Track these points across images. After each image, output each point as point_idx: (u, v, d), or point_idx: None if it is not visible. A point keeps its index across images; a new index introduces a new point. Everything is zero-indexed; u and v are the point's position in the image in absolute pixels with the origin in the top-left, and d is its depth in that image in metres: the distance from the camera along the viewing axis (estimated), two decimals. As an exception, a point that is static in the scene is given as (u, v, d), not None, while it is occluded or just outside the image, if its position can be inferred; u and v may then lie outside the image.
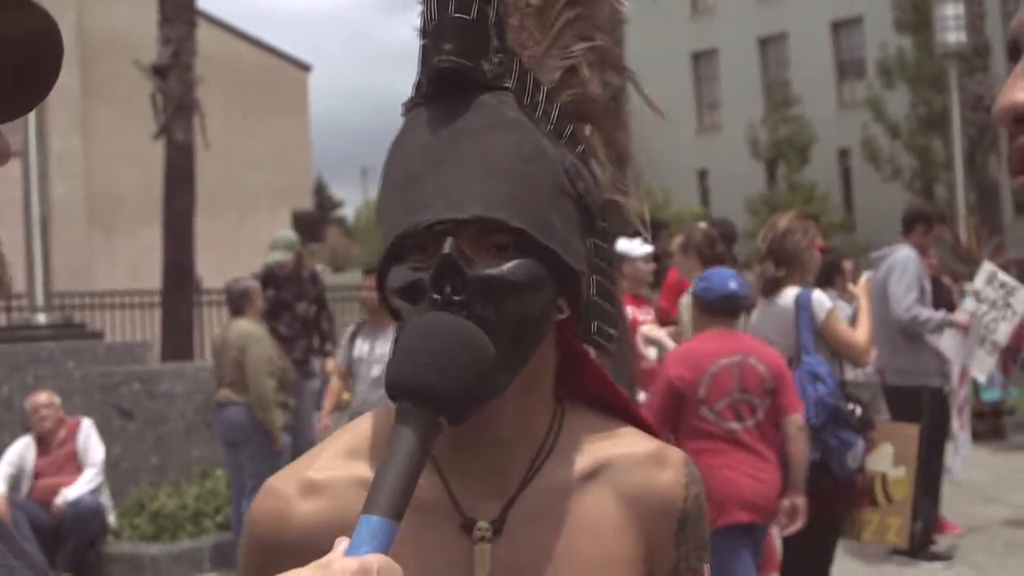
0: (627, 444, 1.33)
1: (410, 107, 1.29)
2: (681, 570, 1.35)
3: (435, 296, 1.16)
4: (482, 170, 1.20)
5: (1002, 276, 7.68)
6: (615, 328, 1.35)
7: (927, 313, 7.07)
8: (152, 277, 15.62)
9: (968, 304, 7.70)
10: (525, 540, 1.26)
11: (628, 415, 1.38)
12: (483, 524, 1.25)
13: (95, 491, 8.07)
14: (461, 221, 1.18)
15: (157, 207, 14.67)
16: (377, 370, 6.93)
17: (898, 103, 29.29)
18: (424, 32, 1.25)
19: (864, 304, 5.36)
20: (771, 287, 5.14)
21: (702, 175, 38.73)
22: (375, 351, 7.02)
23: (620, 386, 1.41)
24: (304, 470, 1.29)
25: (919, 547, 7.12)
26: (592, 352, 1.37)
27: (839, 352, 5.07)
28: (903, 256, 7.19)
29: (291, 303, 8.62)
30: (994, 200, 20.49)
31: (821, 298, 5.09)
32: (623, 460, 1.32)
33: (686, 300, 6.47)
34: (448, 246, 1.16)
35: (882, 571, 7.10)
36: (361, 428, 1.32)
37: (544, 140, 1.27)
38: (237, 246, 22.47)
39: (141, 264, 20.76)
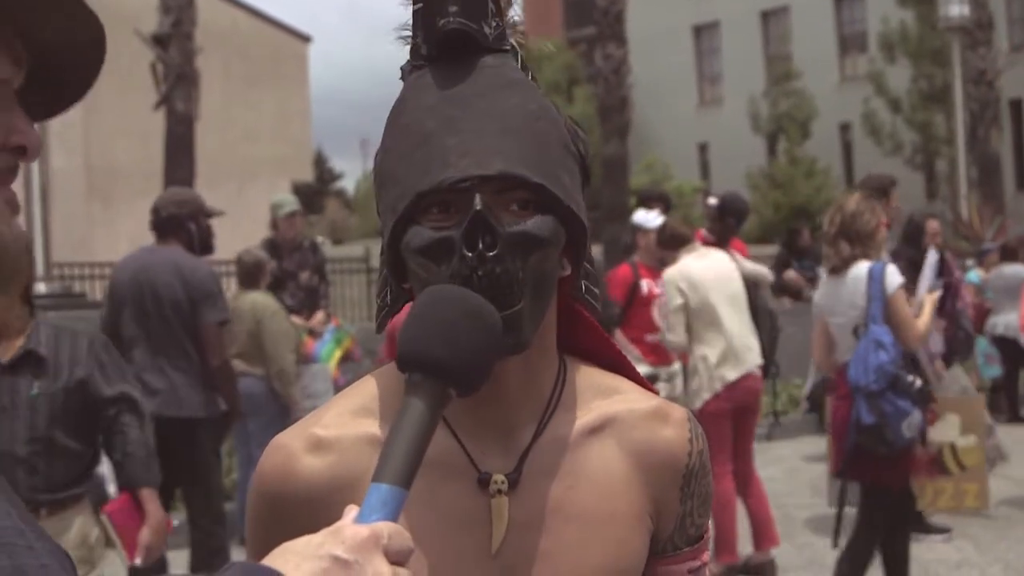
0: (630, 400, 1.36)
1: (409, 71, 1.31)
2: (686, 525, 1.39)
3: (468, 253, 1.18)
4: (497, 129, 1.22)
5: None
6: (599, 288, 1.41)
7: None
8: (152, 248, 15.59)
9: None
10: (534, 493, 1.29)
11: (626, 372, 1.41)
12: (499, 477, 1.27)
13: (95, 461, 8.09)
14: (485, 178, 1.19)
15: (157, 178, 14.67)
16: None
17: (900, 77, 29.21)
18: None
19: (931, 299, 5.53)
20: (844, 266, 5.31)
21: (702, 148, 38.65)
22: None
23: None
24: (311, 427, 1.31)
25: (919, 524, 7.15)
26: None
27: (894, 328, 5.19)
28: None
29: (295, 273, 8.61)
30: (996, 175, 20.47)
31: (894, 272, 5.27)
32: (627, 416, 1.35)
33: (668, 275, 6.49)
34: (478, 202, 1.19)
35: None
36: (368, 387, 1.34)
37: (547, 100, 1.30)
38: (236, 218, 22.39)
39: (141, 235, 20.74)
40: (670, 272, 6.46)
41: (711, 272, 6.42)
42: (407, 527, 1.23)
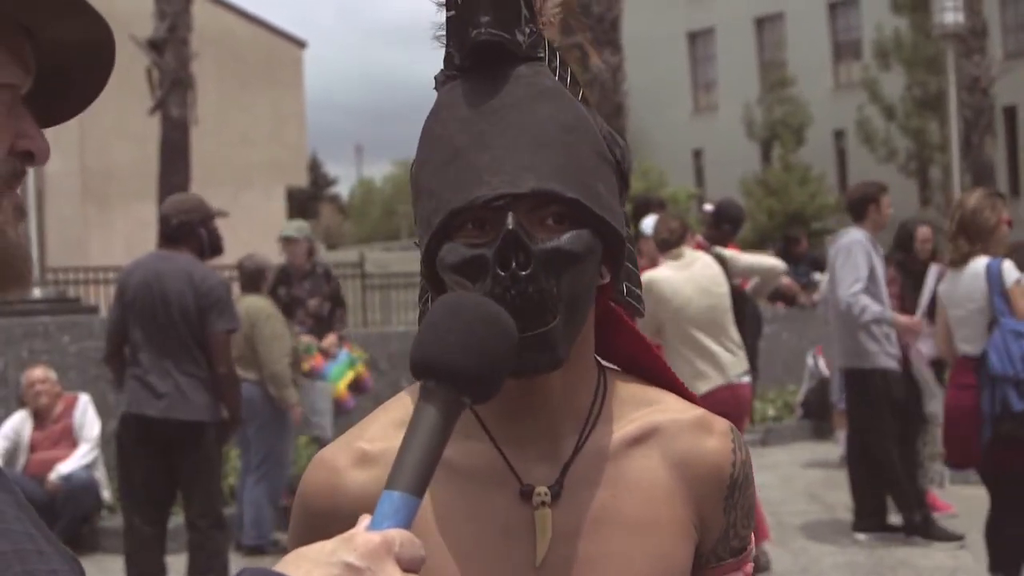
0: (672, 410, 1.35)
1: (443, 81, 1.29)
2: (730, 537, 1.37)
3: (501, 272, 1.18)
4: (529, 142, 1.21)
5: None
6: (640, 289, 1.40)
7: (864, 302, 7.03)
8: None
9: None
10: (577, 504, 1.28)
11: (666, 380, 1.40)
12: (542, 489, 1.27)
13: (89, 466, 8.09)
14: (518, 196, 1.18)
15: (152, 182, 14.64)
16: None
17: (894, 84, 29.27)
18: (451, 4, 1.25)
19: None
20: (963, 261, 5.52)
21: (697, 155, 38.68)
22: None
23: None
24: (356, 441, 1.30)
25: (926, 531, 7.15)
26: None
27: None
28: (848, 240, 7.21)
29: (303, 300, 8.52)
30: (989, 182, 20.47)
31: (1010, 267, 5.47)
32: (671, 426, 1.33)
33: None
34: (511, 221, 1.18)
35: (893, 552, 7.14)
36: (408, 400, 1.33)
37: (582, 107, 1.28)
38: (231, 222, 22.38)
39: (136, 238, 20.73)
40: (643, 281, 6.42)
41: (690, 284, 6.32)
42: (451, 538, 1.24)
